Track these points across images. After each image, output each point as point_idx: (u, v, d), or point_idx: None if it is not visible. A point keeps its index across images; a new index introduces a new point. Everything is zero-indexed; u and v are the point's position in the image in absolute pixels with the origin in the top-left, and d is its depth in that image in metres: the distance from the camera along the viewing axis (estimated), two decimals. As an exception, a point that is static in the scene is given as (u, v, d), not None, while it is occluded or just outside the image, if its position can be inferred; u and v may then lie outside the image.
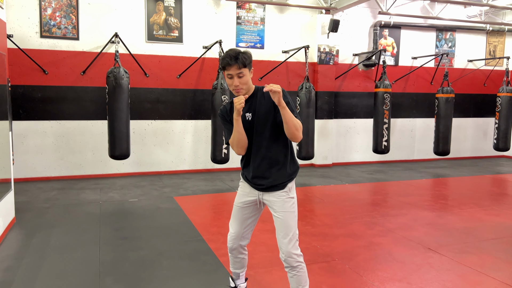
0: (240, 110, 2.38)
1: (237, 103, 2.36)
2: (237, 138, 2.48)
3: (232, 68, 2.41)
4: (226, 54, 2.42)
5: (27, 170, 7.14)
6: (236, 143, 2.50)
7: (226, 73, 2.45)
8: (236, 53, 2.42)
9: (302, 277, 2.53)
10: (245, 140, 2.50)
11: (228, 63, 2.40)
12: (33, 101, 7.11)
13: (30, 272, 3.44)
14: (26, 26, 6.96)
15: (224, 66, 2.43)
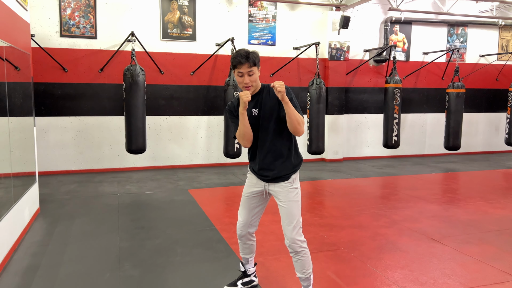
0: (246, 103, 2.58)
1: (244, 96, 2.56)
2: (243, 131, 2.67)
3: (243, 66, 2.60)
4: (237, 54, 2.61)
5: (49, 164, 7.47)
6: (242, 136, 2.70)
7: (237, 71, 2.64)
8: (247, 52, 2.61)
9: (306, 261, 2.72)
10: (250, 133, 2.69)
11: (240, 62, 2.59)
12: (54, 98, 7.42)
13: (55, 257, 3.71)
14: (47, 26, 7.26)
15: (236, 65, 2.62)
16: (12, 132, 4.23)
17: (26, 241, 4.12)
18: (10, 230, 3.78)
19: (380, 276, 3.35)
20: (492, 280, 3.29)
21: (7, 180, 3.92)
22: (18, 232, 4.05)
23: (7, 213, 3.67)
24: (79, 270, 3.46)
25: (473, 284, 3.22)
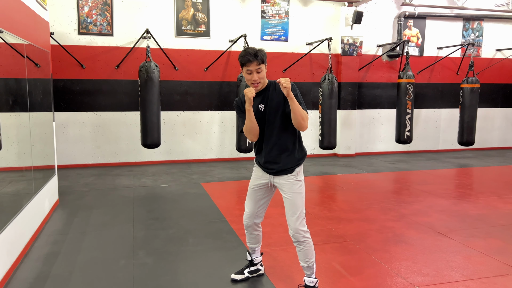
0: (251, 99, 2.70)
1: (249, 92, 2.68)
2: (249, 126, 2.79)
3: (252, 64, 2.70)
4: (246, 52, 2.72)
5: (68, 157, 7.73)
6: (249, 131, 2.82)
7: (245, 69, 2.74)
8: (255, 50, 2.72)
9: (309, 251, 2.83)
10: (256, 128, 2.81)
11: (249, 60, 2.70)
12: (72, 94, 7.67)
13: (74, 245, 3.90)
14: (65, 24, 7.50)
15: (245, 63, 2.72)
16: (33, 126, 4.44)
17: (46, 230, 4.33)
18: (31, 219, 3.99)
19: (384, 267, 3.44)
20: (495, 273, 3.35)
21: (28, 173, 4.14)
22: (38, 221, 4.26)
23: (28, 203, 3.88)
24: (96, 257, 3.64)
25: (475, 276, 3.28)
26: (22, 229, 3.65)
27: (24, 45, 3.94)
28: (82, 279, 3.21)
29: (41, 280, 3.19)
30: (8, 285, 3.12)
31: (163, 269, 3.38)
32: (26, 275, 3.28)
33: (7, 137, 3.80)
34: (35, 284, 3.12)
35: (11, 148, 3.99)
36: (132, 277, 3.24)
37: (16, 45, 3.78)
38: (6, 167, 3.93)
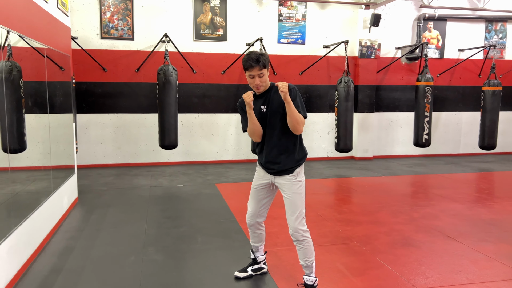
0: (250, 104, 2.78)
1: (247, 98, 2.77)
2: (252, 129, 2.88)
3: (254, 69, 2.78)
4: (248, 57, 2.80)
5: (89, 157, 8.00)
6: (252, 133, 2.91)
7: (248, 73, 2.83)
8: (257, 56, 2.79)
9: (308, 250, 2.89)
10: (260, 130, 2.90)
11: (251, 65, 2.77)
12: (94, 96, 7.94)
13: (89, 241, 4.08)
14: (88, 28, 7.78)
15: (247, 68, 2.81)
16: (56, 128, 4.67)
17: (64, 226, 4.53)
18: (49, 215, 4.19)
19: (387, 269, 3.46)
20: (501, 277, 3.32)
21: (47, 172, 4.34)
22: (57, 218, 4.46)
23: (46, 200, 4.07)
24: (109, 252, 3.80)
25: (480, 280, 3.26)
26: (40, 224, 3.84)
27: (44, 49, 4.15)
28: (93, 273, 3.36)
29: (55, 273, 3.36)
30: (25, 276, 3.30)
31: (170, 266, 3.50)
32: (42, 268, 3.46)
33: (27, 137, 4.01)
34: (49, 277, 3.29)
35: (31, 148, 4.21)
36: (140, 272, 3.37)
37: (32, 49, 3.99)
38: (26, 166, 4.15)
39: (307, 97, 8.92)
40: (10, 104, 4.35)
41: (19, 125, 4.57)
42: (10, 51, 4.12)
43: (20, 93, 4.47)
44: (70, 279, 3.24)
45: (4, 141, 4.33)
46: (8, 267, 3.06)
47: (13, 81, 4.43)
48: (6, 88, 4.29)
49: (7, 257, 3.04)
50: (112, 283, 3.20)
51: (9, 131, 4.32)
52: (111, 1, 7.78)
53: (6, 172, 3.36)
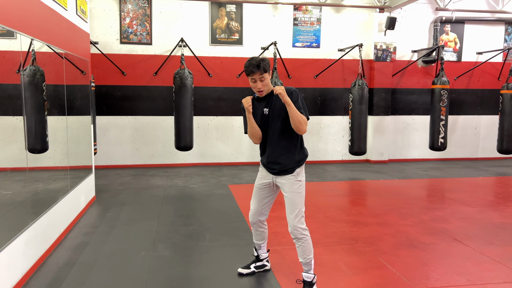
0: (249, 109, 2.90)
1: (245, 103, 2.89)
2: (251, 132, 3.01)
3: (255, 74, 2.90)
4: (249, 63, 2.91)
5: (108, 158, 8.28)
6: (251, 135, 3.03)
7: (250, 78, 2.94)
8: (258, 61, 2.90)
9: (307, 247, 2.98)
10: (259, 133, 3.01)
11: (252, 71, 2.89)
12: (114, 99, 8.21)
13: (102, 237, 4.27)
14: (108, 34, 8.07)
15: (249, 73, 2.93)
16: (74, 129, 4.91)
17: (81, 222, 4.75)
18: (66, 212, 4.40)
19: (389, 269, 3.51)
20: (502, 279, 3.33)
21: (66, 172, 4.57)
22: (74, 214, 4.68)
23: (63, 198, 4.28)
24: (120, 248, 3.97)
25: (480, 282, 3.28)
26: (56, 220, 4.05)
27: (62, 54, 4.38)
28: (104, 267, 3.54)
29: (69, 266, 3.55)
30: (41, 268, 3.50)
31: (177, 261, 3.65)
32: (57, 261, 3.66)
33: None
34: (63, 269, 3.48)
35: (52, 149, 4.44)
36: (149, 267, 3.53)
37: (54, 54, 4.22)
38: (43, 166, 4.38)
39: (321, 100, 8.98)
40: (34, 107, 4.62)
41: (42, 127, 4.83)
42: (34, 56, 4.38)
43: (43, 96, 4.73)
44: (82, 272, 3.43)
45: (28, 141, 4.62)
46: (25, 259, 3.26)
47: (36, 84, 4.70)
48: (30, 91, 4.56)
49: (25, 249, 3.24)
50: (121, 276, 3.36)
51: (34, 132, 4.60)
52: (130, 7, 8.05)
53: (27, 172, 3.57)
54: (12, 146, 4.18)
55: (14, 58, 3.63)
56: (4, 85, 4.03)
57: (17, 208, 3.70)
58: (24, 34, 3.32)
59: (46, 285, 3.21)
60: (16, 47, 3.40)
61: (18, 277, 3.11)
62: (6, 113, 4.12)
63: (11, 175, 4.16)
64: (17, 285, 3.09)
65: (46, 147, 4.84)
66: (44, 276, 3.36)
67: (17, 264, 3.10)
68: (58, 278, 3.31)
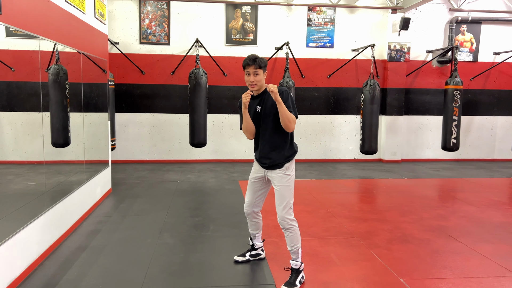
0: (246, 103, 3.13)
1: (244, 98, 3.12)
2: (245, 126, 3.23)
3: (250, 67, 3.13)
4: (247, 57, 3.15)
5: (128, 153, 8.67)
6: (245, 130, 3.26)
7: (245, 70, 3.16)
8: (255, 57, 3.13)
9: (294, 237, 3.19)
10: (252, 128, 3.24)
11: (248, 64, 3.12)
12: (133, 97, 8.59)
13: (114, 225, 4.59)
14: (129, 34, 8.45)
15: (244, 66, 3.16)
16: (91, 125, 5.26)
17: (96, 212, 5.09)
18: (81, 201, 4.75)
19: (378, 262, 3.67)
20: (487, 274, 3.44)
21: (80, 165, 4.91)
22: (89, 204, 5.02)
23: (78, 188, 4.62)
24: (129, 235, 4.28)
25: (465, 275, 3.41)
26: (71, 209, 4.39)
27: (80, 55, 4.72)
28: (112, 252, 3.84)
29: (81, 250, 3.87)
30: (56, 251, 3.84)
31: (179, 248, 3.92)
32: (70, 245, 3.99)
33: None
34: (75, 253, 3.81)
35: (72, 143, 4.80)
36: (152, 252, 3.81)
37: (70, 54, 4.57)
38: (60, 160, 4.73)
39: (334, 100, 9.12)
40: (58, 103, 5.00)
41: (65, 123, 5.20)
42: (58, 56, 4.75)
43: (66, 93, 5.09)
44: (92, 255, 3.74)
45: (52, 136, 5.00)
46: (41, 242, 3.59)
47: (60, 82, 5.06)
48: (54, 88, 4.93)
49: (40, 233, 3.58)
50: (126, 259, 3.66)
51: (57, 127, 4.97)
52: (149, 9, 8.41)
53: (44, 165, 3.90)
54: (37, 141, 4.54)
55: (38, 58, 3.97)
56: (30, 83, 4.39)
57: (39, 197, 4.05)
58: (43, 38, 3.65)
59: (58, 265, 3.53)
60: (44, 47, 3.74)
61: (34, 257, 3.44)
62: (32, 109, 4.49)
63: (36, 168, 4.54)
64: (33, 264, 3.43)
65: (68, 142, 5.20)
66: (57, 258, 3.69)
67: (32, 245, 3.43)
68: (69, 260, 3.64)
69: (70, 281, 3.23)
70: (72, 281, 3.23)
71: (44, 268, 3.48)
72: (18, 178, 4.03)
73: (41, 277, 3.30)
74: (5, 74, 3.78)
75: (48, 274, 3.36)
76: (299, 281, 3.18)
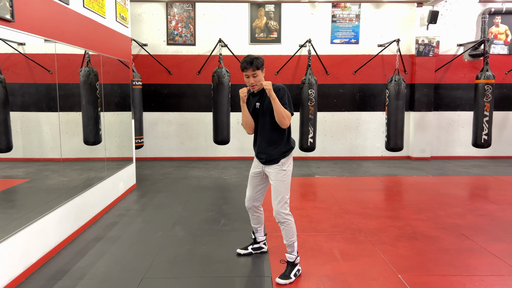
0: (244, 98, 3.24)
1: (241, 93, 3.23)
2: (244, 120, 3.35)
3: (248, 70, 3.24)
4: (244, 60, 3.25)
5: (156, 151, 9.00)
6: (244, 124, 3.38)
7: (244, 73, 3.29)
8: (252, 59, 3.23)
9: (289, 231, 3.26)
10: (251, 122, 3.34)
11: (245, 67, 3.24)
12: (161, 96, 8.91)
13: (131, 219, 4.84)
14: (156, 36, 8.76)
15: (243, 69, 3.28)
16: (115, 124, 5.55)
17: (118, 206, 5.38)
18: (103, 195, 5.03)
19: (380, 257, 3.67)
20: (491, 272, 3.36)
21: (102, 163, 5.20)
22: (111, 199, 5.31)
23: (98, 184, 4.90)
24: (143, 228, 4.51)
25: (467, 273, 3.35)
26: (91, 202, 4.67)
27: (100, 56, 5.01)
28: (124, 242, 4.07)
29: (96, 240, 4.14)
30: (74, 241, 4.12)
31: (187, 241, 4.09)
32: (88, 236, 4.26)
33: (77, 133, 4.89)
34: (90, 243, 4.07)
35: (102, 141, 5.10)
36: (162, 244, 4.01)
37: (95, 56, 4.85)
38: (78, 158, 5.04)
39: (360, 96, 9.02)
40: (90, 103, 5.33)
41: (96, 122, 5.53)
42: (89, 58, 5.07)
43: (96, 94, 5.42)
44: (105, 246, 3.99)
45: (84, 134, 5.35)
46: (59, 232, 3.88)
47: (90, 83, 5.39)
48: (85, 89, 5.27)
49: (58, 223, 3.86)
50: (136, 250, 3.87)
51: (88, 126, 5.31)
52: (176, 11, 8.68)
53: (61, 162, 4.19)
54: (72, 139, 4.85)
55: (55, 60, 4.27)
56: (64, 85, 4.71)
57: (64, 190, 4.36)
58: (59, 42, 3.92)
59: (74, 254, 3.80)
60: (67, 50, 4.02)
61: (51, 246, 3.72)
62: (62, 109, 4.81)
63: (71, 164, 4.88)
64: (50, 252, 3.71)
65: (100, 140, 5.53)
66: (73, 247, 3.96)
67: (49, 234, 3.71)
68: (84, 250, 3.90)
69: (81, 268, 3.47)
70: (83, 268, 3.47)
71: (60, 256, 3.75)
72: (54, 174, 4.35)
73: (56, 264, 3.56)
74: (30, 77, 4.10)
75: (62, 262, 3.63)
76: (294, 274, 3.25)
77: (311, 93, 7.67)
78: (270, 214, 4.32)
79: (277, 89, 3.20)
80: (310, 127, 7.77)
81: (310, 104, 7.70)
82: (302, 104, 7.82)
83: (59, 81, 4.18)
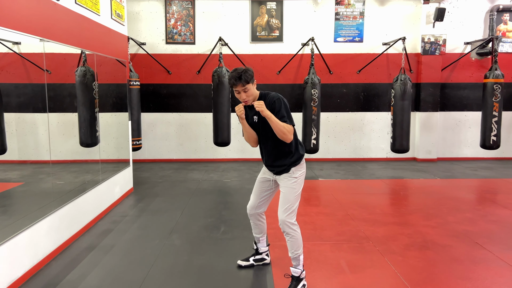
0: (241, 116, 3.00)
1: (238, 111, 2.98)
2: (246, 136, 3.13)
3: (238, 86, 2.94)
4: (231, 76, 2.94)
5: (155, 152, 8.78)
6: (247, 139, 3.15)
7: (234, 89, 2.99)
8: (239, 74, 2.92)
9: (295, 243, 3.03)
10: (254, 136, 3.11)
11: (234, 83, 2.94)
12: (160, 97, 8.68)
13: (127, 225, 4.62)
14: (155, 35, 8.53)
15: (231, 85, 2.98)
16: (111, 126, 5.32)
17: (113, 211, 5.16)
18: (97, 201, 4.81)
19: (390, 270, 3.44)
20: (499, 284, 3.13)
21: (98, 165, 4.98)
22: (106, 204, 5.09)
23: (92, 189, 4.68)
24: (139, 235, 4.28)
25: (471, 284, 3.12)
26: (84, 209, 4.45)
27: (94, 55, 4.78)
28: (118, 252, 3.85)
29: (89, 250, 3.91)
30: (65, 251, 3.90)
31: (185, 250, 3.86)
32: (80, 245, 4.04)
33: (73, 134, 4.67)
34: (83, 252, 3.85)
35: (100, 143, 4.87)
36: (158, 254, 3.78)
37: (90, 55, 4.62)
38: (70, 160, 4.82)
39: (364, 96, 8.78)
40: (87, 104, 5.10)
41: (93, 123, 5.30)
42: (85, 58, 4.84)
43: (93, 94, 5.19)
44: (98, 255, 3.77)
45: (80, 135, 5.12)
46: (48, 242, 3.65)
47: (87, 83, 5.16)
48: (81, 89, 5.05)
49: (48, 233, 3.64)
50: (130, 260, 3.65)
51: (84, 127, 5.09)
52: (175, 9, 8.45)
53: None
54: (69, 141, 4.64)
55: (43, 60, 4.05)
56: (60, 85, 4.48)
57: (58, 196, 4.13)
58: (48, 40, 3.70)
59: (64, 265, 3.58)
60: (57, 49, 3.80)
61: (40, 257, 3.50)
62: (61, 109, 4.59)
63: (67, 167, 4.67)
64: (39, 264, 3.49)
65: (97, 141, 5.30)
66: (65, 258, 3.74)
67: (39, 245, 3.49)
68: (76, 260, 3.67)
69: (71, 281, 3.25)
70: (73, 281, 3.25)
71: (49, 268, 3.53)
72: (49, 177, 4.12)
73: (44, 277, 3.34)
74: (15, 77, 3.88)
75: (51, 274, 3.41)
76: (299, 289, 3.02)
77: (314, 93, 7.44)
78: (273, 221, 4.13)
79: (272, 101, 2.95)
80: (313, 128, 7.53)
81: (313, 104, 7.47)
82: (305, 104, 7.59)
83: (53, 81, 3.97)
